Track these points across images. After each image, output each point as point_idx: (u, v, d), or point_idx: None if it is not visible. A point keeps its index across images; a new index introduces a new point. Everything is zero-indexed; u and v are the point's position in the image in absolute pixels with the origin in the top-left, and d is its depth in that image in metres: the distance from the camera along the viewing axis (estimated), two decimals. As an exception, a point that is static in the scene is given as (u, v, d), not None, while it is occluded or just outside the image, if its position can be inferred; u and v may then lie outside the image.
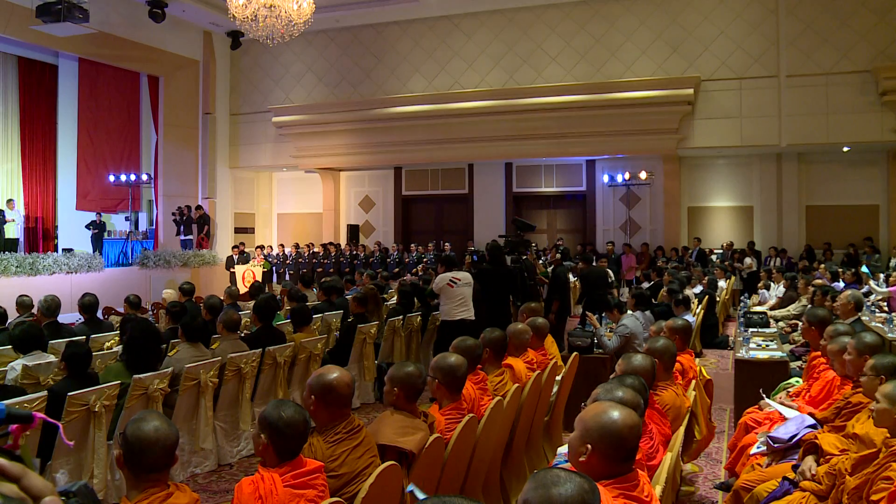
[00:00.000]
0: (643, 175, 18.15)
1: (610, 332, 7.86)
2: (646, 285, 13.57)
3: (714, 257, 17.49)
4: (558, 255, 13.23)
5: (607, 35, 17.60)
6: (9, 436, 0.83)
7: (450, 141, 18.66)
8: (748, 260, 17.01)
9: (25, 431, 0.83)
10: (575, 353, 6.47)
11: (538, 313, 6.97)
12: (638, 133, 17.15)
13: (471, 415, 3.99)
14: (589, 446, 2.46)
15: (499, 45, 18.48)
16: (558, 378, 5.87)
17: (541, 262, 15.25)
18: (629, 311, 8.08)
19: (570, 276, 13.35)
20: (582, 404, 2.82)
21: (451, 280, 8.93)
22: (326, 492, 2.90)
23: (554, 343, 6.72)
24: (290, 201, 22.75)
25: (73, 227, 20.35)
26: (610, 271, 13.81)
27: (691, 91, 16.74)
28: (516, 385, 4.82)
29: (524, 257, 11.36)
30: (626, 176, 18.38)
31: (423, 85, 19.09)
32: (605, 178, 18.97)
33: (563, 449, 3.68)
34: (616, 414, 2.49)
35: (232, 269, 18.59)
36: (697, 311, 10.56)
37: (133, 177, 20.29)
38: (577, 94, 17.46)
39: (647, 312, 8.21)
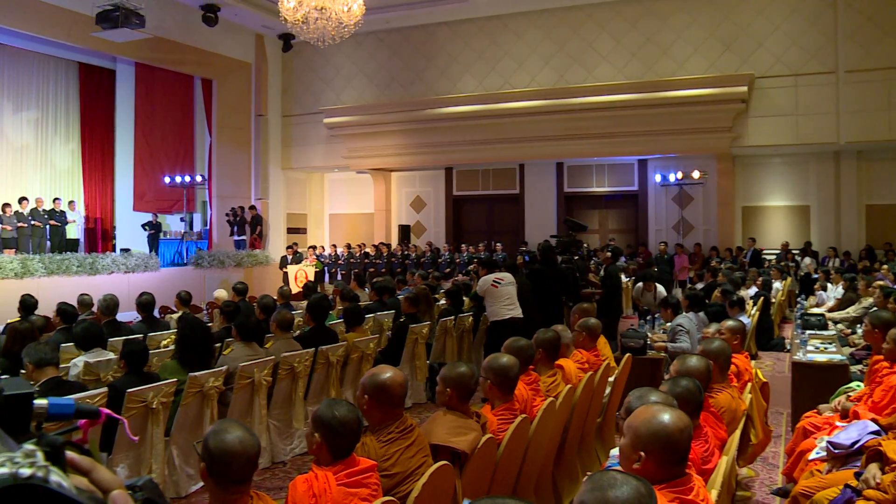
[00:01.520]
0: (696, 174, 17.91)
1: (662, 332, 7.76)
2: (699, 286, 13.38)
3: (769, 258, 17.19)
4: (608, 254, 13.12)
5: (659, 33, 17.41)
6: (78, 430, 0.85)
7: (500, 141, 18.62)
8: (808, 260, 16.67)
9: (93, 426, 0.85)
10: (628, 354, 6.40)
11: (590, 314, 6.92)
12: (691, 132, 16.92)
13: (523, 415, 3.97)
14: (642, 453, 2.43)
15: (549, 45, 18.40)
16: (611, 379, 5.82)
17: (592, 262, 15.14)
18: (683, 312, 7.97)
19: (623, 276, 13.23)
20: (617, 413, 2.78)
21: (494, 281, 8.94)
22: (379, 491, 2.91)
23: (607, 344, 6.66)
24: (342, 202, 22.91)
25: (130, 228, 20.78)
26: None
27: (745, 89, 16.46)
28: (569, 386, 4.79)
29: (576, 257, 11.29)
30: (679, 175, 18.16)
31: (473, 85, 19.09)
32: (658, 178, 18.77)
33: (616, 451, 3.65)
34: (666, 417, 2.46)
35: (285, 269, 18.80)
36: (752, 312, 10.39)
37: (188, 178, 20.66)
38: (628, 93, 17.30)
39: (701, 314, 8.10)
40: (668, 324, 7.73)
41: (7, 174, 19.47)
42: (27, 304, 8.57)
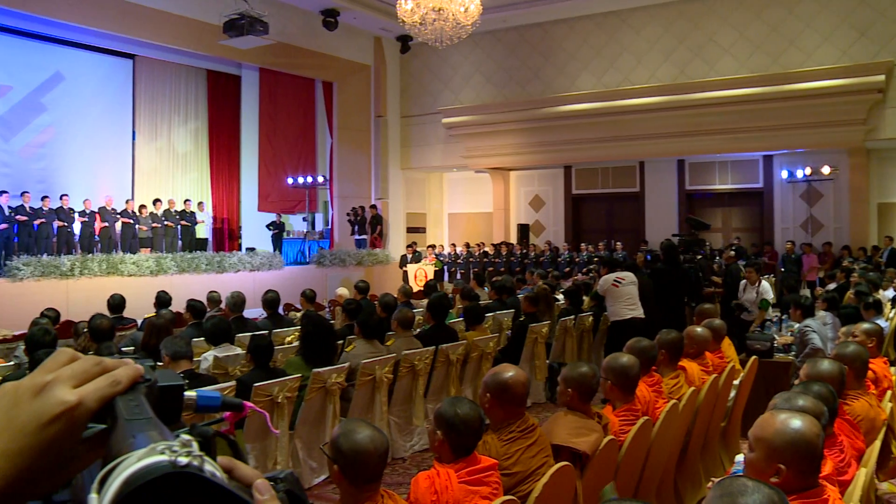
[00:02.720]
0: (826, 170, 17.13)
1: (790, 334, 7.49)
2: (831, 287, 12.83)
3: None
4: (732, 253, 12.74)
5: (785, 23, 16.71)
6: (224, 422, 0.88)
7: (620, 138, 18.34)
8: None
9: (237, 419, 0.89)
10: (754, 356, 6.21)
11: (713, 315, 6.75)
12: (820, 125, 16.18)
13: (645, 417, 3.91)
14: (782, 467, 2.30)
15: (669, 39, 17.98)
16: (736, 382, 5.66)
17: (715, 262, 14.74)
18: (818, 313, 7.66)
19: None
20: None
21: (615, 280, 8.82)
22: (500, 489, 2.92)
23: (731, 345, 6.48)
24: (461, 201, 23.03)
25: (255, 228, 21.50)
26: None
27: (882, 77, 15.57)
28: (692, 388, 4.68)
29: (698, 257, 11.02)
30: (807, 171, 17.41)
31: (591, 82, 18.86)
32: (784, 174, 18.06)
33: (741, 457, 3.54)
34: (799, 423, 2.35)
35: (405, 268, 19.05)
36: (891, 315, 9.88)
37: (310, 179, 21.23)
38: (752, 86, 16.68)
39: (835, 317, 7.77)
40: (796, 325, 7.45)
41: (144, 176, 20.50)
42: (162, 301, 8.99)
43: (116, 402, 0.68)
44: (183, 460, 0.58)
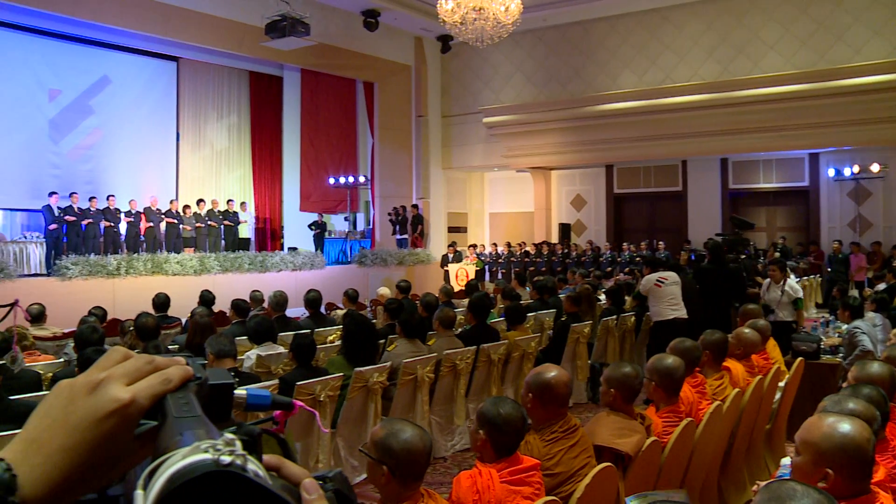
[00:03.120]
0: (875, 168, 16.83)
1: (838, 336, 7.37)
2: (880, 287, 12.60)
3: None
4: (777, 254, 12.57)
5: (832, 17, 16.39)
6: (274, 421, 0.89)
7: (662, 137, 18.17)
8: None
9: (287, 417, 0.90)
10: (800, 358, 6.12)
11: (757, 315, 6.66)
12: (869, 122, 15.84)
13: (689, 419, 3.88)
14: (830, 471, 2.24)
15: (712, 36, 17.77)
16: (781, 384, 5.58)
17: (759, 261, 14.56)
18: (867, 314, 7.51)
19: (793, 276, 12.63)
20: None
21: (657, 280, 8.76)
22: (542, 490, 2.92)
23: (776, 347, 6.40)
24: (502, 201, 23.00)
25: (297, 228, 21.64)
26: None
27: (936, 72, 15.25)
28: (737, 390, 4.63)
29: (742, 256, 10.89)
30: (856, 169, 17.11)
31: (633, 81, 18.72)
32: (831, 172, 17.77)
33: (787, 460, 3.49)
34: (848, 427, 2.28)
35: (446, 268, 19.07)
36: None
37: (351, 179, 21.36)
38: (798, 83, 16.40)
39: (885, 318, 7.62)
40: (844, 326, 7.32)
41: (188, 176, 20.79)
42: (206, 299, 9.13)
43: (167, 399, 0.69)
44: (226, 459, 0.59)
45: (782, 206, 19.43)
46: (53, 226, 14.79)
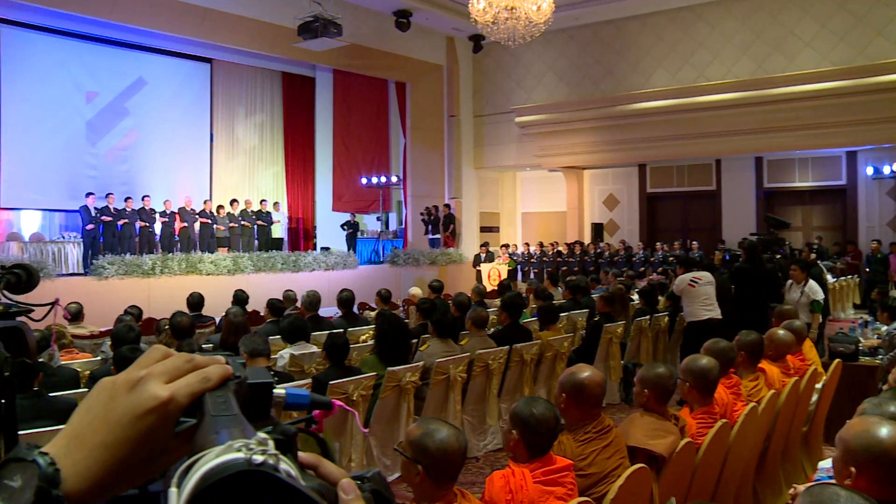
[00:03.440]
0: (916, 166, 16.58)
1: (877, 337, 7.26)
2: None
3: None
4: (813, 255, 12.42)
5: (872, 12, 16.10)
6: (313, 420, 0.90)
7: (696, 136, 18.01)
8: None
9: (326, 417, 0.90)
10: (837, 359, 6.04)
11: (793, 316, 6.58)
12: (909, 119, 15.62)
13: (723, 420, 3.84)
14: (853, 469, 2.23)
15: (746, 34, 17.58)
16: (818, 386, 5.51)
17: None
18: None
19: (829, 276, 12.49)
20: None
21: (691, 280, 8.69)
22: (575, 490, 2.91)
23: (813, 348, 6.32)
24: (534, 200, 22.94)
25: (329, 228, 21.76)
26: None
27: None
28: (772, 391, 4.58)
29: (777, 256, 10.77)
30: (895, 167, 16.87)
31: (666, 79, 18.58)
32: (870, 171, 17.52)
33: (824, 464, 3.45)
34: (884, 431, 2.25)
35: (478, 268, 19.06)
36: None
37: (383, 179, 21.41)
38: (835, 80, 16.15)
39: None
40: (884, 328, 7.22)
41: (221, 177, 20.96)
42: (240, 299, 9.21)
43: (205, 398, 0.70)
44: (258, 458, 0.59)
45: (819, 205, 19.18)
46: (90, 226, 15.00)
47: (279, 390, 0.83)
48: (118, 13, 14.59)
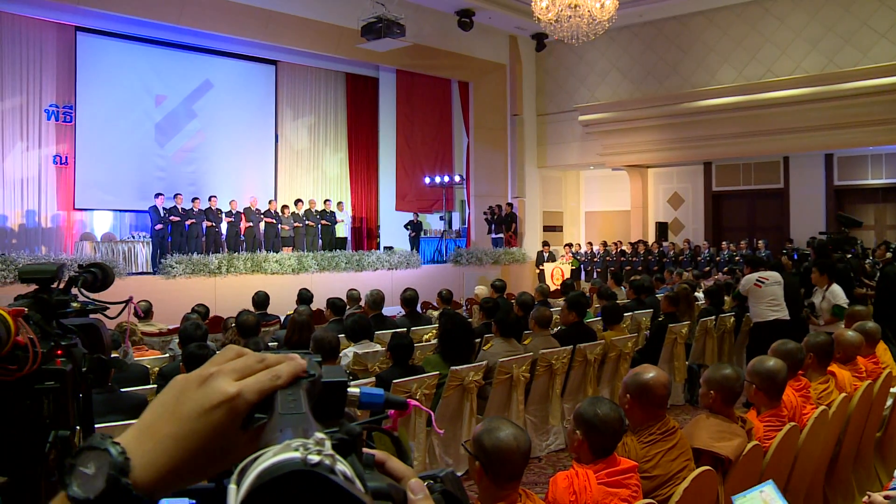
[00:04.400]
0: None
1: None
2: None
3: None
4: (889, 254, 12.07)
5: (952, 1, 15.59)
6: (387, 419, 0.90)
7: (763, 133, 17.65)
8: None
9: (401, 416, 0.91)
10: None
11: (864, 317, 6.41)
12: None
13: (792, 423, 3.77)
14: None
15: (816, 27, 17.15)
16: (893, 390, 5.36)
17: (867, 261, 14.02)
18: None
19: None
20: None
21: (757, 280, 8.53)
22: (639, 492, 2.88)
23: (887, 350, 6.14)
24: (598, 199, 22.76)
25: (393, 227, 21.92)
26: None
27: None
28: (843, 394, 4.47)
29: (848, 255, 10.51)
30: (972, 164, 16.33)
31: (732, 75, 18.25)
32: (949, 167, 16.98)
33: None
34: None
35: (541, 267, 18.99)
36: None
37: (446, 178, 21.46)
38: (911, 73, 15.70)
39: None
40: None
41: (286, 177, 21.26)
42: (304, 298, 9.32)
43: (277, 395, 0.71)
44: (314, 458, 0.59)
45: (892, 203, 18.63)
46: (159, 226, 15.35)
47: (353, 389, 0.83)
48: (186, 18, 14.91)
